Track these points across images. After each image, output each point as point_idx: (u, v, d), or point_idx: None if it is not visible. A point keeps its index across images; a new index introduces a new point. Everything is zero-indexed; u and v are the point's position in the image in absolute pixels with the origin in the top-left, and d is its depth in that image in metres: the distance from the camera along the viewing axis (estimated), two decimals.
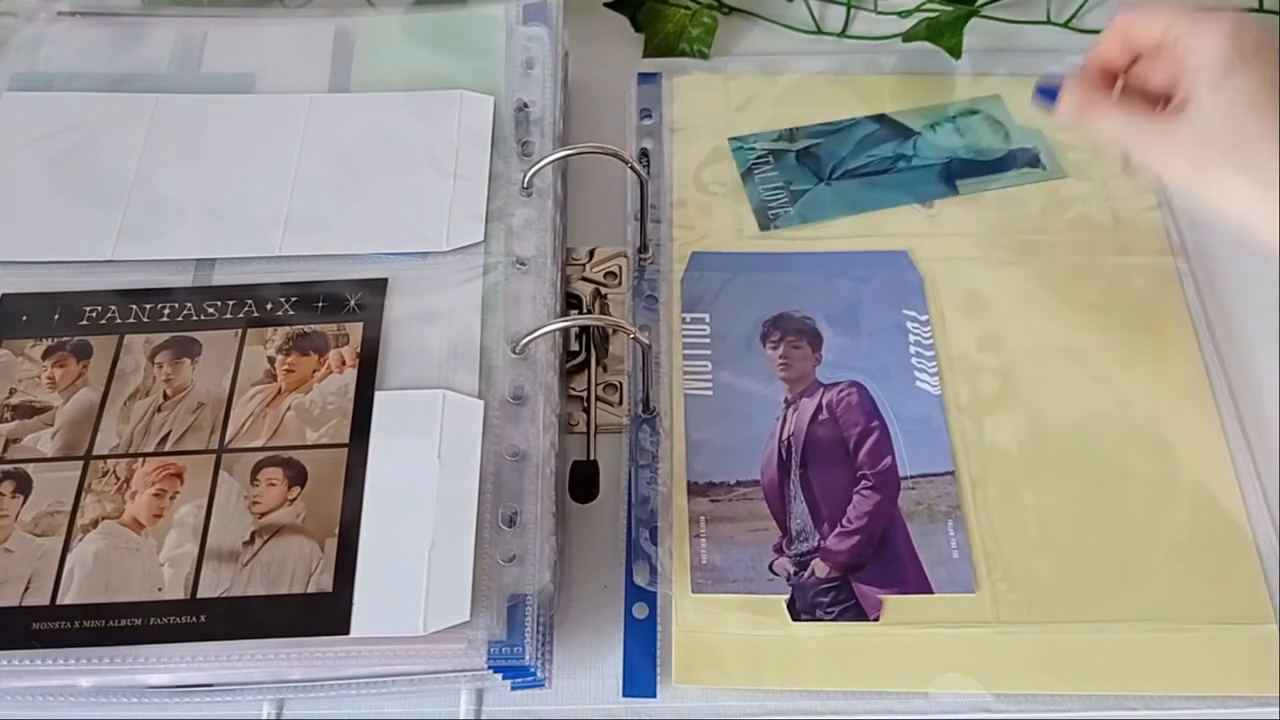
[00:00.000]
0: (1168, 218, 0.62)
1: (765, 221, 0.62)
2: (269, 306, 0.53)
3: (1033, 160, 0.64)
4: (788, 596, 0.50)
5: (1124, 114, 0.52)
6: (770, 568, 0.51)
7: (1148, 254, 0.60)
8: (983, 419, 0.55)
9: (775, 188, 0.63)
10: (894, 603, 0.50)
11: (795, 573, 0.51)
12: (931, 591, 0.50)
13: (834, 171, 0.64)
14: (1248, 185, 0.48)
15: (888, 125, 0.65)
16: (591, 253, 0.61)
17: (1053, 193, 0.63)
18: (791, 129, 0.65)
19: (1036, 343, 0.57)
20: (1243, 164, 0.48)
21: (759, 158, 0.64)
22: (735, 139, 0.65)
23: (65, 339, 0.52)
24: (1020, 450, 0.54)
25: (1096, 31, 0.69)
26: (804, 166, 0.64)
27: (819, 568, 0.51)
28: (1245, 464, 0.54)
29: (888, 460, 0.53)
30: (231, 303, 0.53)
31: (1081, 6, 0.70)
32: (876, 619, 0.49)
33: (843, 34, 0.71)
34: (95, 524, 0.47)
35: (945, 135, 0.65)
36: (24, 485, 0.48)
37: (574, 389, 0.56)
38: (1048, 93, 0.54)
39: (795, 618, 0.49)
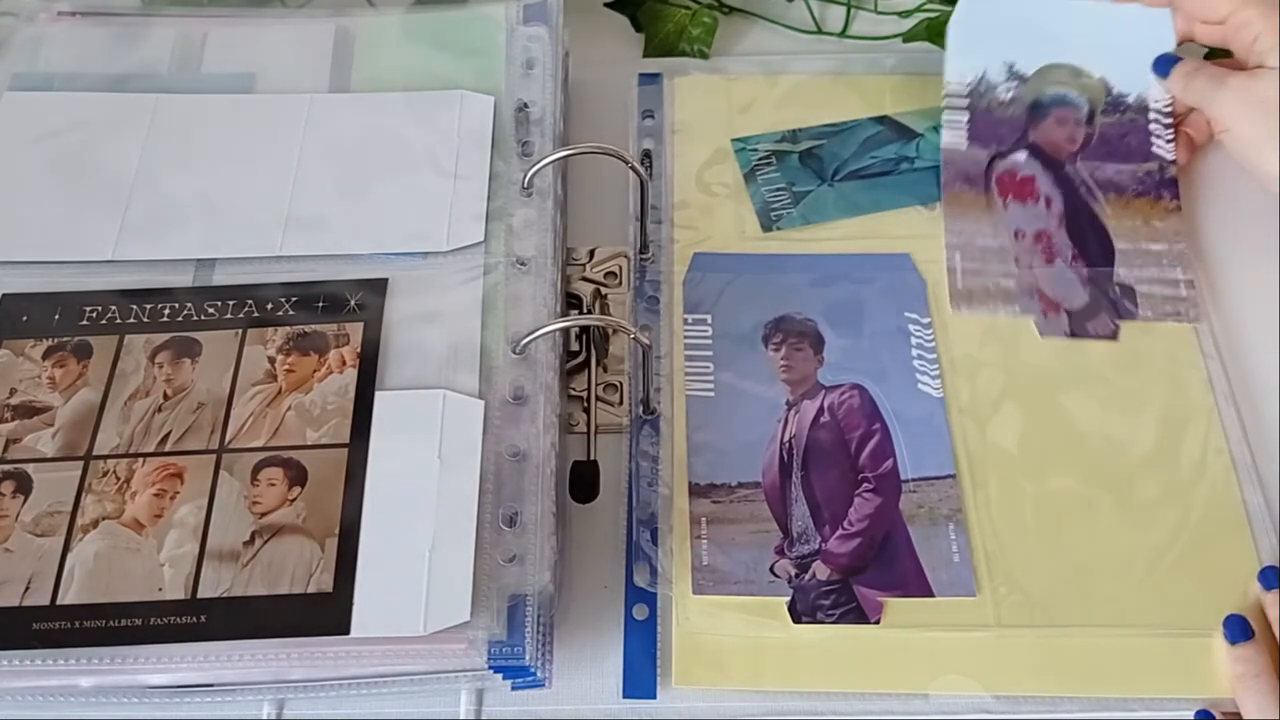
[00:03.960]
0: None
1: (768, 222, 0.61)
2: (269, 306, 0.53)
3: None
4: (789, 598, 0.50)
5: (1214, 76, 0.59)
6: (771, 569, 0.51)
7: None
8: (984, 421, 0.55)
9: (778, 189, 0.63)
10: (894, 605, 0.50)
11: (796, 575, 0.50)
12: (932, 594, 0.50)
13: (837, 173, 0.63)
14: None
15: (890, 126, 0.65)
16: (592, 253, 0.61)
17: None
18: (794, 130, 0.65)
19: (1037, 345, 0.57)
20: None
21: (762, 159, 0.64)
22: (738, 140, 0.65)
23: (65, 339, 0.52)
24: (1021, 453, 0.54)
25: None
26: (806, 168, 0.64)
27: (820, 570, 0.51)
28: (1246, 466, 0.54)
29: (889, 463, 0.53)
30: (232, 303, 0.53)
31: None
32: (877, 622, 0.49)
33: (843, 34, 0.71)
34: (95, 524, 0.47)
35: None
36: (24, 485, 0.48)
37: (574, 389, 0.56)
38: (1163, 61, 0.61)
39: (796, 620, 0.49)
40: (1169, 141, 0.61)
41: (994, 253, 0.59)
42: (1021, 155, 0.62)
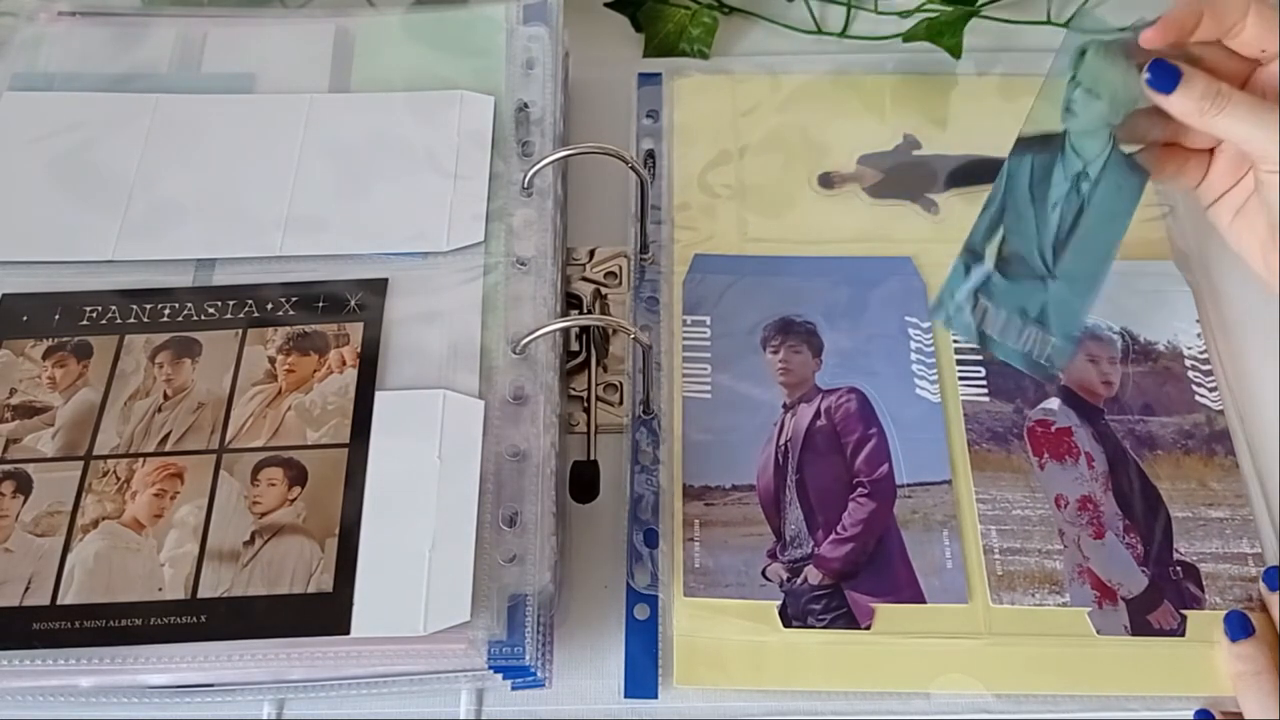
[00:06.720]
0: (1172, 225, 0.61)
1: None
2: (269, 306, 0.53)
3: None
4: (779, 602, 0.50)
5: (1263, 115, 0.45)
6: (763, 573, 0.50)
7: (1151, 259, 0.60)
8: None
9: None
10: (886, 611, 0.50)
11: (788, 579, 0.50)
12: (924, 601, 0.50)
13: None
14: None
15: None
16: (592, 253, 0.61)
17: None
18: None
19: None
20: None
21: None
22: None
23: (66, 339, 0.52)
24: None
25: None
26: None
27: (812, 574, 0.50)
28: (1246, 466, 0.54)
29: (884, 468, 0.53)
30: (232, 303, 0.53)
31: (1082, 6, 0.70)
32: (868, 628, 0.49)
33: (843, 34, 0.71)
34: (96, 524, 0.47)
35: None
36: (24, 485, 0.48)
37: (574, 389, 0.56)
38: (1164, 73, 0.46)
39: (787, 624, 0.49)
40: (1212, 390, 0.55)
41: (1035, 526, 0.52)
42: (1054, 402, 0.55)
